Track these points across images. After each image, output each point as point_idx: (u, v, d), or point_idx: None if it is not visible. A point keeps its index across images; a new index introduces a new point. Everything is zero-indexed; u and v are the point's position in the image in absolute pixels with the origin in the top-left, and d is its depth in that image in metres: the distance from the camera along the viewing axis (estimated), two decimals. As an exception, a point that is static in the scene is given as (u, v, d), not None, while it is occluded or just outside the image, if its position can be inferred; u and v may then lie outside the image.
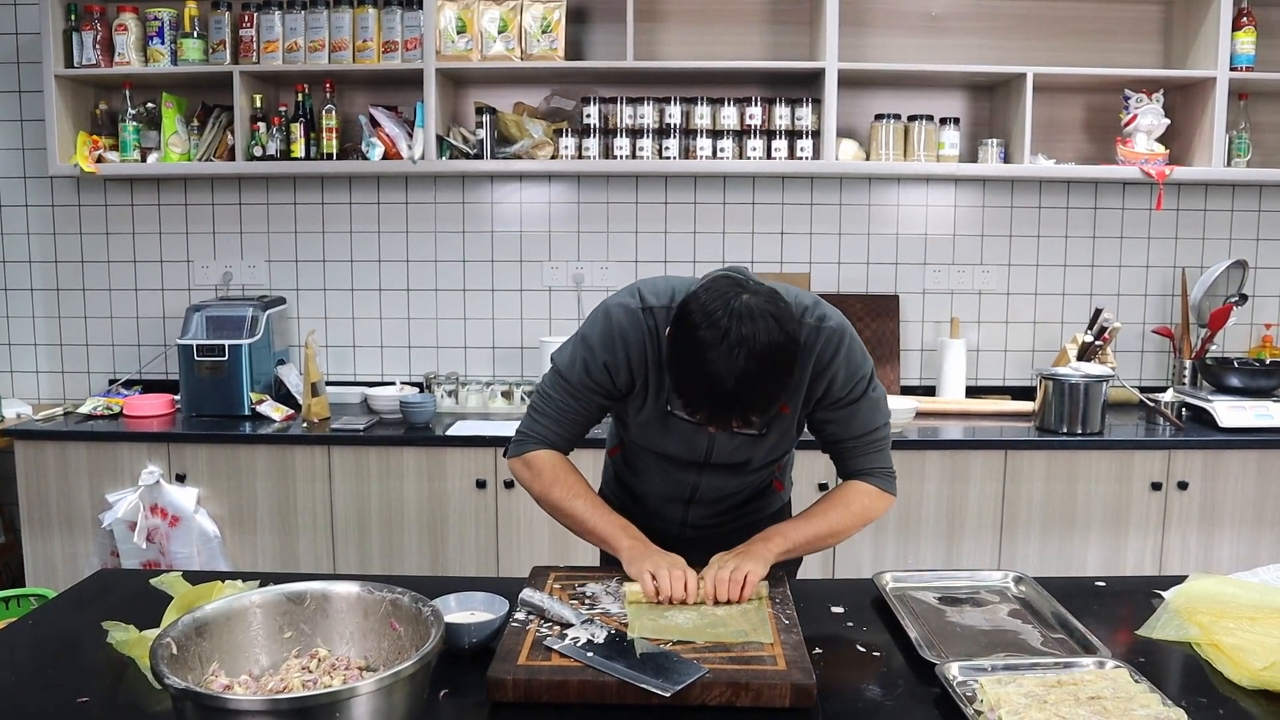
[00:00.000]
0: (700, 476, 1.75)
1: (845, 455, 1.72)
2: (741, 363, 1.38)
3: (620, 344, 1.60)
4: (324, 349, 3.43)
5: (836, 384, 1.62)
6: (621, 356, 1.61)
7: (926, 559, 2.90)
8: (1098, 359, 3.20)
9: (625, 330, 1.60)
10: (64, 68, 3.12)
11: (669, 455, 1.72)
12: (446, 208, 3.41)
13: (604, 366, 1.61)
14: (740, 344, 1.38)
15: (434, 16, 3.03)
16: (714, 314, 1.41)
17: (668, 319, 1.55)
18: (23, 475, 2.96)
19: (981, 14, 3.28)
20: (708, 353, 1.39)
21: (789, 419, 1.66)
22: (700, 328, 1.40)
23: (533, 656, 1.33)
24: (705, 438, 1.66)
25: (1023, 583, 1.70)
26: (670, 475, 1.76)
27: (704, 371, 1.40)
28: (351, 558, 2.95)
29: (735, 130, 3.14)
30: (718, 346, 1.39)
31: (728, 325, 1.39)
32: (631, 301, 1.62)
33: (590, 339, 1.63)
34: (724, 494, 1.80)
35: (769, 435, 1.67)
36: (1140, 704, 1.22)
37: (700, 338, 1.40)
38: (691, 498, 1.79)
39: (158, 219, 3.45)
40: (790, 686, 1.27)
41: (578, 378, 1.64)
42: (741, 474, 1.75)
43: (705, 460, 1.71)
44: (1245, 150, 3.22)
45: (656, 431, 1.68)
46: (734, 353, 1.38)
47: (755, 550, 1.60)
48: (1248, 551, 2.93)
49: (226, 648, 1.23)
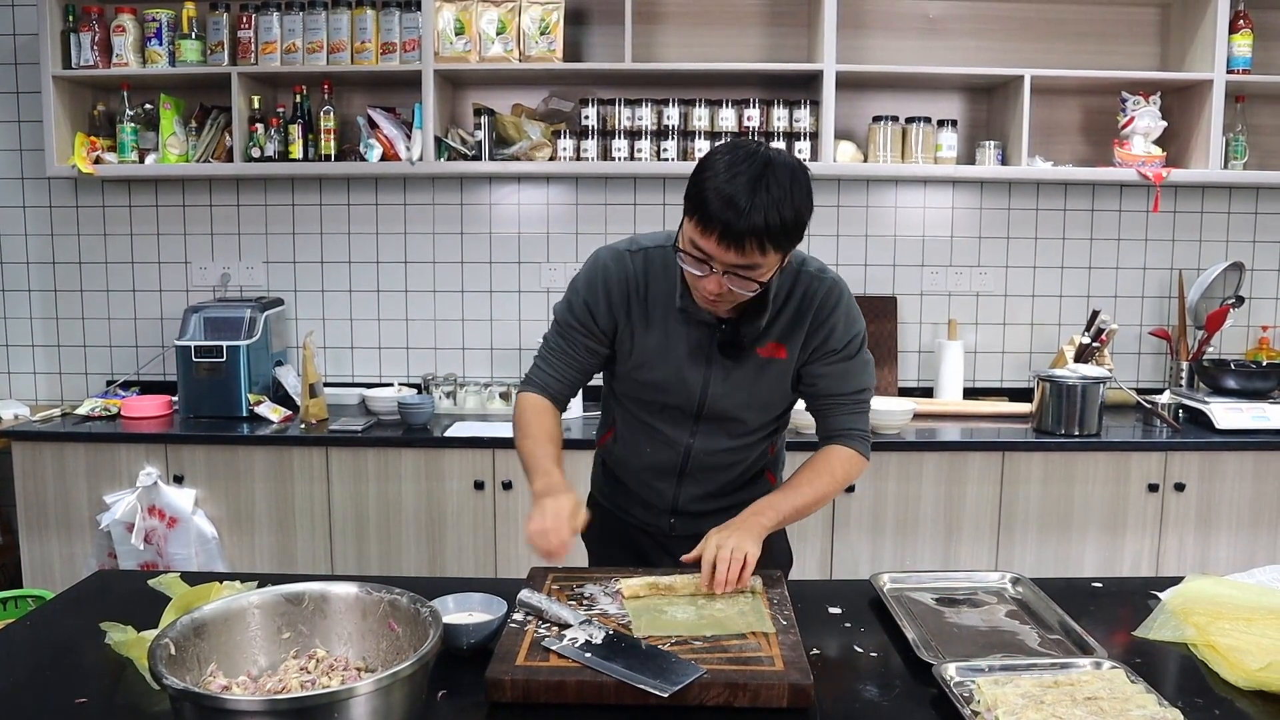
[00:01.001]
0: (694, 437, 1.75)
1: (831, 413, 1.74)
2: (772, 183, 1.43)
3: (601, 283, 1.69)
4: (322, 350, 3.43)
5: (835, 334, 1.67)
6: (601, 294, 1.68)
7: (924, 560, 2.91)
8: (1095, 361, 3.20)
9: (608, 269, 1.69)
10: (62, 69, 3.12)
11: (661, 407, 1.73)
12: (444, 209, 3.41)
13: (585, 305, 1.70)
14: (768, 163, 1.45)
15: (432, 18, 3.03)
16: (749, 142, 1.50)
17: (663, 257, 1.66)
18: (20, 476, 2.96)
19: (979, 16, 3.29)
20: (739, 165, 1.44)
21: (785, 365, 1.69)
22: (736, 148, 1.48)
23: (531, 657, 1.33)
24: (700, 371, 1.67)
25: (1020, 584, 1.70)
26: (662, 439, 1.77)
27: (731, 179, 1.43)
28: (350, 559, 2.95)
29: (733, 132, 3.14)
30: (748, 161, 1.45)
31: (759, 148, 1.48)
32: (621, 245, 1.72)
33: (578, 281, 1.73)
34: (717, 465, 1.79)
35: (762, 379, 1.68)
36: (1137, 704, 1.23)
37: (735, 154, 1.46)
38: (684, 468, 1.79)
39: (155, 220, 3.45)
40: (788, 687, 1.27)
41: (563, 317, 1.73)
42: (734, 434, 1.76)
43: (699, 408, 1.71)
44: (1242, 152, 3.23)
45: (649, 370, 1.70)
46: (762, 168, 1.44)
47: (749, 525, 1.59)
48: (1244, 553, 2.93)
49: (224, 648, 1.23)
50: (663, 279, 1.67)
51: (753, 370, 1.68)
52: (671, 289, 1.66)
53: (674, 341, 1.68)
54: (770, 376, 1.70)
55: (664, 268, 1.67)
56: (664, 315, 1.67)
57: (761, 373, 1.69)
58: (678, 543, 1.73)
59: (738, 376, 1.69)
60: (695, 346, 1.67)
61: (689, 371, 1.68)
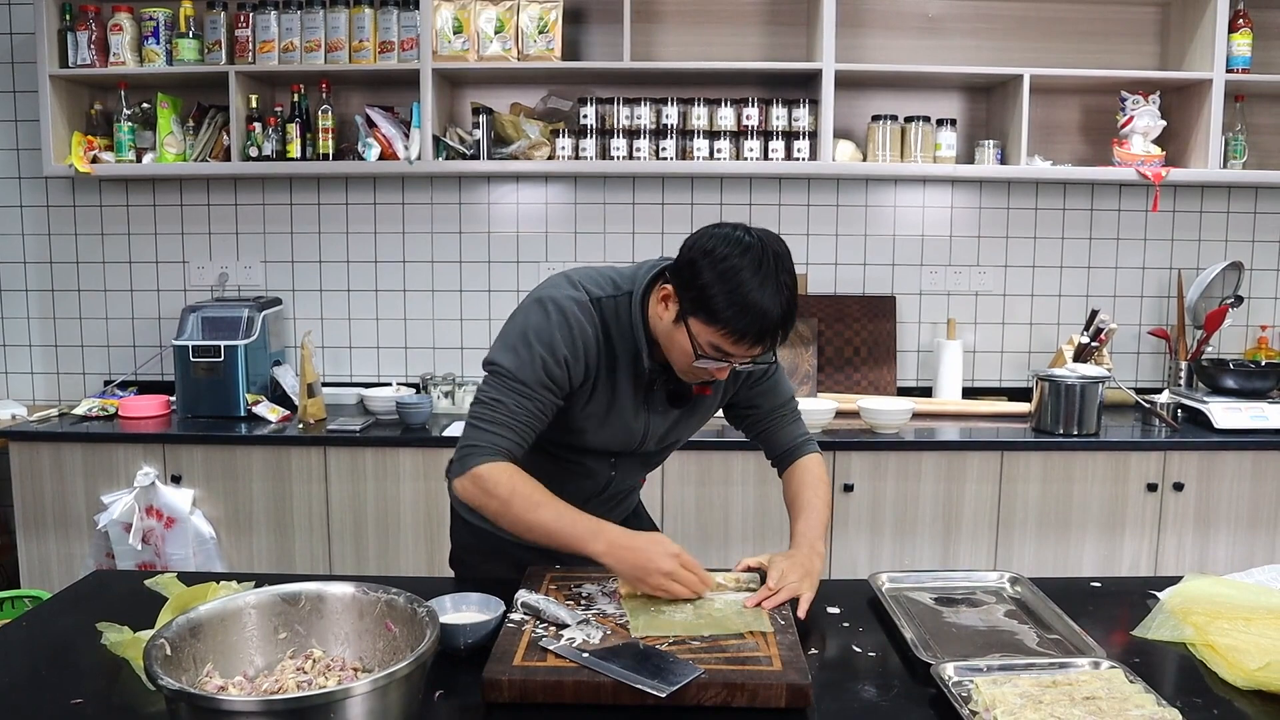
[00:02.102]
0: (615, 470, 1.75)
1: (777, 428, 1.82)
2: (786, 280, 1.48)
3: (579, 338, 1.56)
4: (320, 350, 3.42)
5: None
6: (580, 350, 1.56)
7: (923, 559, 2.90)
8: (1094, 360, 3.20)
9: (582, 324, 1.56)
10: (59, 68, 3.11)
11: (594, 450, 1.70)
12: (443, 208, 3.41)
13: (563, 362, 1.55)
14: (775, 255, 1.47)
15: (430, 17, 3.03)
16: (745, 242, 1.48)
17: (615, 308, 1.60)
18: (18, 476, 2.95)
19: (978, 15, 3.28)
20: (754, 272, 1.45)
21: (711, 400, 1.73)
22: (735, 250, 1.46)
23: (528, 657, 1.33)
24: (644, 421, 1.67)
25: (1018, 583, 1.70)
26: (583, 471, 1.73)
27: (760, 294, 1.44)
28: (348, 559, 2.94)
29: (732, 131, 3.14)
30: (760, 266, 1.45)
31: (762, 248, 1.47)
32: (577, 293, 1.58)
33: (544, 335, 1.55)
34: (631, 489, 1.84)
35: (694, 414, 1.73)
36: (1135, 704, 1.22)
37: (741, 260, 1.45)
38: (601, 494, 1.77)
39: (153, 220, 3.44)
40: (786, 687, 1.26)
41: (534, 378, 1.54)
42: (650, 464, 1.81)
43: (636, 448, 1.71)
44: (1241, 152, 3.23)
45: (598, 424, 1.65)
46: (774, 265, 1.46)
47: (813, 567, 1.64)
48: (1243, 552, 2.93)
49: (221, 649, 1.23)
50: (616, 333, 1.60)
51: (687, 410, 1.72)
52: (625, 344, 1.60)
53: (621, 394, 1.63)
54: (699, 413, 1.75)
55: (616, 320, 1.60)
56: (614, 371, 1.62)
57: (692, 411, 1.73)
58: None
59: (672, 418, 1.71)
60: (644, 398, 1.66)
61: (633, 420, 1.66)
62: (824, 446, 2.82)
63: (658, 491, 2.85)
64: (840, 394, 3.24)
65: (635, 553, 1.52)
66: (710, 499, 2.88)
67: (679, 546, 1.55)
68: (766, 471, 1.93)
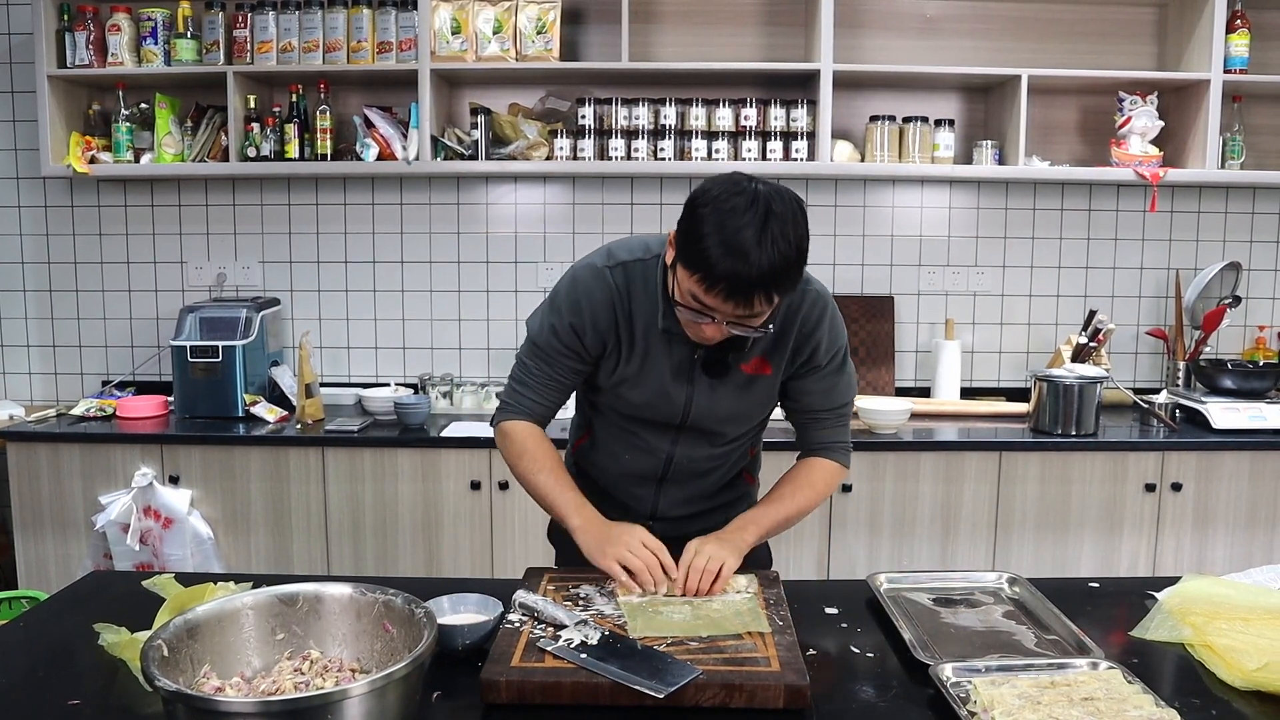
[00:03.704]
0: (675, 445, 1.72)
1: (814, 427, 1.74)
2: (779, 236, 1.37)
3: (586, 305, 1.60)
4: (318, 350, 3.42)
5: (821, 349, 1.64)
6: (587, 317, 1.61)
7: (921, 560, 2.90)
8: (1092, 360, 3.20)
9: (590, 290, 1.60)
10: (57, 68, 3.11)
11: (643, 419, 1.70)
12: (441, 209, 3.41)
13: (570, 329, 1.62)
14: (769, 211, 1.38)
15: (429, 17, 3.02)
16: (740, 184, 1.41)
17: (642, 271, 1.59)
18: (15, 477, 2.95)
19: (976, 16, 3.29)
20: (740, 216, 1.37)
21: (770, 380, 1.67)
22: (730, 195, 1.39)
23: (526, 658, 1.33)
24: (684, 389, 1.64)
25: (1017, 584, 1.69)
26: (644, 446, 1.73)
27: (735, 234, 1.36)
28: (346, 559, 2.94)
29: (730, 131, 3.14)
30: (749, 211, 1.37)
31: (755, 192, 1.39)
32: (599, 261, 1.63)
33: (557, 302, 1.64)
34: (697, 472, 1.77)
35: (750, 393, 1.65)
36: (1134, 705, 1.22)
37: (732, 203, 1.38)
38: (664, 475, 1.76)
39: (151, 220, 3.44)
40: (784, 688, 1.26)
41: (547, 342, 1.65)
42: (716, 444, 1.73)
43: (682, 421, 1.68)
44: (1239, 152, 3.23)
45: (632, 388, 1.66)
46: (765, 218, 1.37)
47: (731, 539, 1.61)
48: (1241, 553, 2.93)
49: (218, 650, 1.23)
50: (643, 295, 1.60)
51: (737, 387, 1.65)
52: (653, 305, 1.59)
53: (656, 360, 1.62)
54: (755, 392, 1.67)
55: (644, 283, 1.60)
56: (645, 333, 1.61)
57: (746, 389, 1.66)
58: None
59: (722, 393, 1.65)
60: (678, 364, 1.62)
61: (672, 389, 1.64)
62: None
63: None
64: (838, 394, 3.24)
65: (606, 529, 1.57)
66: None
67: (658, 542, 1.55)
68: (765, 470, 1.93)
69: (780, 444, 2.13)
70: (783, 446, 1.91)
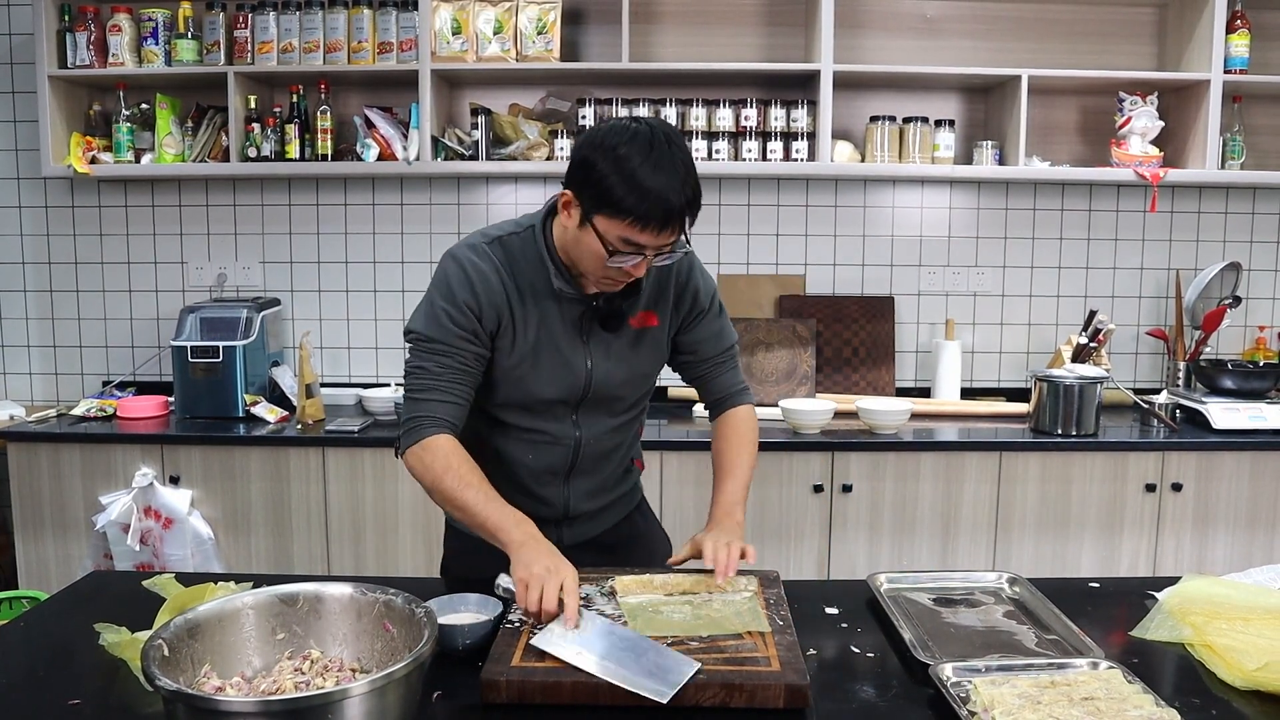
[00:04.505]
0: (579, 427, 1.71)
1: (715, 374, 1.81)
2: (681, 159, 1.46)
3: (477, 281, 1.58)
4: (319, 350, 3.42)
5: (700, 295, 1.73)
6: (481, 292, 1.58)
7: (921, 560, 2.90)
8: (1092, 361, 3.20)
9: (477, 266, 1.59)
10: (57, 68, 3.11)
11: (545, 406, 1.67)
12: (441, 209, 3.41)
13: (465, 308, 1.57)
14: (668, 141, 1.46)
15: (429, 18, 3.02)
16: (626, 126, 1.48)
17: (519, 243, 1.62)
18: (16, 477, 2.95)
19: (977, 16, 3.29)
20: (646, 154, 1.44)
21: (657, 332, 1.72)
22: (626, 139, 1.45)
23: (526, 658, 1.33)
24: (582, 353, 1.65)
25: (1017, 584, 1.69)
26: (549, 439, 1.69)
27: (657, 176, 1.43)
28: (346, 559, 2.94)
29: (731, 132, 3.14)
30: (651, 148, 1.44)
31: (645, 129, 1.47)
32: (474, 242, 1.63)
33: (441, 288, 1.59)
34: (603, 452, 1.76)
35: (642, 348, 1.70)
36: (1134, 705, 1.22)
37: (632, 145, 1.44)
38: (573, 465, 1.74)
39: (152, 220, 3.44)
40: (784, 687, 1.26)
41: (443, 332, 1.57)
42: (615, 412, 1.75)
43: (585, 392, 1.67)
44: (1239, 153, 3.23)
45: (533, 364, 1.63)
46: (667, 148, 1.45)
47: (730, 526, 1.66)
48: (1241, 553, 2.93)
49: (219, 649, 1.23)
50: (526, 263, 1.62)
51: (629, 342, 1.69)
52: (536, 273, 1.61)
53: (550, 325, 1.63)
54: (646, 345, 1.71)
55: (523, 252, 1.62)
56: (535, 301, 1.62)
57: (638, 343, 1.70)
58: (567, 555, 1.55)
59: (617, 350, 1.68)
60: (572, 326, 1.64)
61: (571, 354, 1.65)
62: (823, 447, 2.85)
63: (656, 491, 2.85)
64: (839, 394, 3.24)
65: (543, 554, 1.46)
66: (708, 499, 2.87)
67: (576, 582, 1.44)
68: (764, 471, 1.93)
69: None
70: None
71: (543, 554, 1.47)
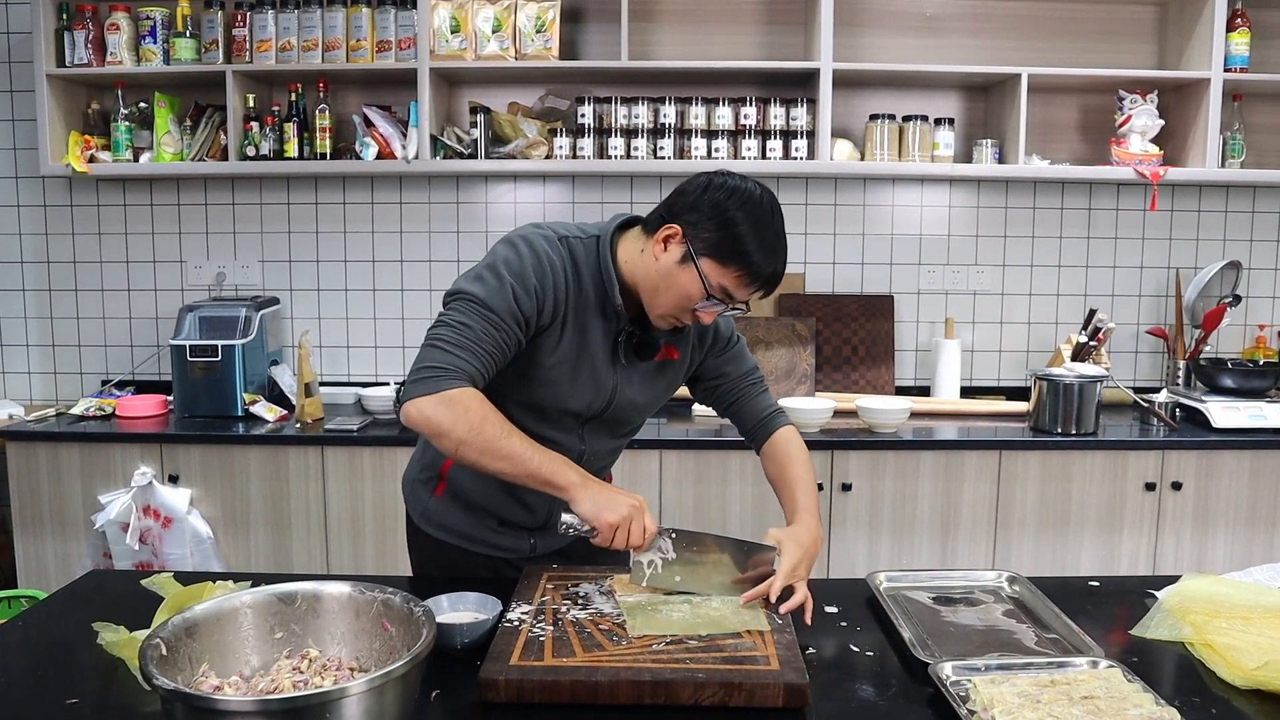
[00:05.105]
0: (584, 442, 1.70)
1: (747, 397, 1.84)
2: (780, 220, 1.56)
3: (549, 270, 1.54)
4: (318, 349, 3.42)
5: (722, 330, 1.79)
6: (549, 282, 1.54)
7: (921, 559, 2.90)
8: (1092, 359, 3.20)
9: (550, 256, 1.56)
10: (55, 67, 3.11)
11: (559, 410, 1.65)
12: (441, 208, 3.41)
13: (534, 292, 1.52)
14: (776, 207, 1.56)
15: (428, 16, 3.02)
16: (750, 184, 1.55)
17: (583, 248, 1.62)
18: (15, 476, 2.95)
19: (976, 14, 3.28)
20: (769, 218, 1.53)
21: (676, 366, 1.75)
22: (752, 198, 1.53)
23: (525, 657, 1.33)
24: (611, 373, 1.65)
25: (1017, 582, 1.69)
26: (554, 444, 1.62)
27: (773, 236, 1.53)
28: (345, 558, 2.94)
29: (730, 130, 3.14)
30: (773, 214, 1.54)
31: (766, 195, 1.55)
32: (544, 231, 1.60)
33: (514, 265, 1.52)
34: (600, 468, 1.76)
35: (662, 379, 1.74)
36: (1134, 704, 1.22)
37: (760, 205, 1.52)
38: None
39: (150, 219, 3.44)
40: (783, 686, 1.26)
41: (505, 306, 1.49)
42: (618, 434, 1.77)
43: (604, 408, 1.67)
44: (1239, 151, 3.23)
45: (568, 371, 1.61)
46: (776, 212, 1.55)
47: (816, 550, 1.67)
48: (1241, 551, 2.93)
49: (217, 648, 1.22)
50: (585, 272, 1.60)
51: (651, 371, 1.71)
52: (593, 284, 1.60)
53: (591, 338, 1.61)
54: (665, 377, 1.75)
55: (585, 260, 1.61)
56: (586, 311, 1.60)
57: (659, 373, 1.73)
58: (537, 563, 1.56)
59: (640, 376, 1.70)
60: (609, 345, 1.64)
61: (603, 372, 1.64)
62: (822, 446, 2.85)
63: (655, 490, 2.85)
64: (838, 393, 3.24)
65: (606, 490, 1.50)
66: (708, 498, 2.88)
67: (654, 525, 1.53)
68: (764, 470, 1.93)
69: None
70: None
71: (613, 492, 1.51)
